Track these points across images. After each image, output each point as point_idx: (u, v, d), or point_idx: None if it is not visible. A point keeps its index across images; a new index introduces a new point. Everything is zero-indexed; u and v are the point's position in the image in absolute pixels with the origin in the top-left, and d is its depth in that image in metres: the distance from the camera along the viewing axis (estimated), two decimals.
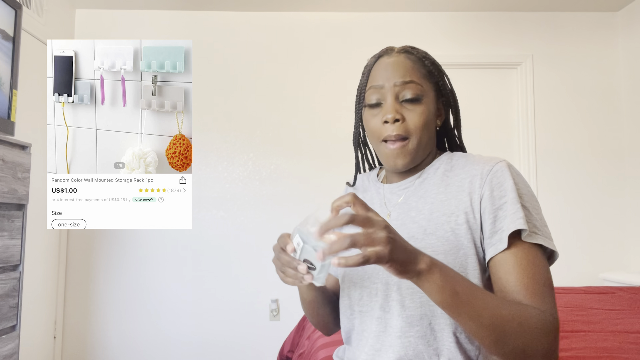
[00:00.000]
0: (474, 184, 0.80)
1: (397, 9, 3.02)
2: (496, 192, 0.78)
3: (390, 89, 0.85)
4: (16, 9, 1.83)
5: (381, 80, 0.87)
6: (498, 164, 0.80)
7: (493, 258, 0.76)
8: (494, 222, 0.76)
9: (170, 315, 2.86)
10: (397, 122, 0.84)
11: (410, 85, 0.85)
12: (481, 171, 0.81)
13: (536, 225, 0.75)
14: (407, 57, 0.88)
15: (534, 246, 0.74)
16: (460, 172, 0.84)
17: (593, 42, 3.06)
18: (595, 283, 2.89)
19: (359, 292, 0.86)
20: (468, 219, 0.79)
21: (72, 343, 2.84)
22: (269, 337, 2.84)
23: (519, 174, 0.81)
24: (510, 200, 0.76)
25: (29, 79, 2.52)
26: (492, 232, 0.76)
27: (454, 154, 0.90)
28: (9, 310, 1.68)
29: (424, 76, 0.87)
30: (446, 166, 0.88)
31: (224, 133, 2.97)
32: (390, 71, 0.86)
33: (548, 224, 0.81)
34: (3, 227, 1.67)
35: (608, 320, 1.62)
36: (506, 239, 0.74)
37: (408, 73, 0.86)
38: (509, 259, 0.74)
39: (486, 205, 0.78)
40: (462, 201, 0.80)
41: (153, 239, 2.89)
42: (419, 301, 0.78)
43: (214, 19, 3.03)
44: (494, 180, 0.79)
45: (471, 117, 3.03)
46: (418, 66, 0.87)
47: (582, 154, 3.00)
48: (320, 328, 1.00)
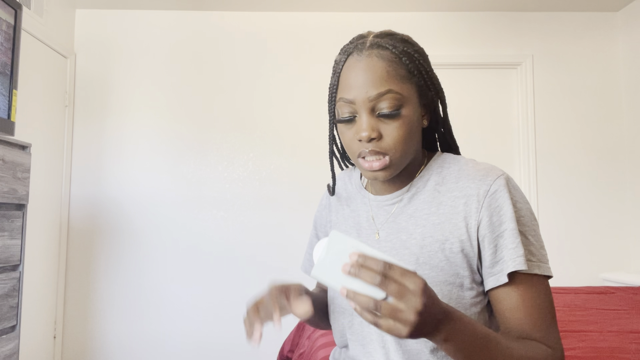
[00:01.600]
0: (470, 206, 0.75)
1: (397, 9, 3.02)
2: (495, 218, 0.73)
3: (362, 103, 0.74)
4: (16, 9, 1.83)
5: (353, 92, 0.74)
6: (495, 182, 0.74)
7: (494, 290, 0.74)
8: (494, 253, 0.73)
9: (170, 315, 2.86)
10: (373, 140, 0.74)
11: (386, 97, 0.73)
12: (477, 192, 0.75)
13: (533, 252, 0.73)
14: (380, 56, 0.74)
15: (534, 275, 0.73)
16: (453, 188, 0.78)
17: (593, 42, 3.06)
18: (595, 283, 2.89)
19: (349, 319, 0.83)
20: (464, 247, 0.74)
21: (72, 343, 2.84)
22: (269, 337, 2.85)
23: (517, 189, 0.76)
24: (510, 231, 0.72)
25: (29, 79, 2.52)
26: (493, 262, 0.73)
27: (445, 158, 0.83)
28: (9, 310, 1.68)
29: (403, 78, 0.75)
30: (437, 177, 0.80)
31: (224, 133, 2.97)
32: (362, 80, 0.74)
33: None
34: (3, 227, 1.67)
35: (608, 320, 1.62)
36: (506, 275, 0.72)
37: (383, 80, 0.73)
38: (512, 295, 0.72)
39: (485, 233, 0.73)
40: (457, 226, 0.75)
41: (153, 239, 2.89)
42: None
43: (214, 19, 3.03)
44: (493, 204, 0.73)
45: (471, 117, 3.04)
46: (394, 67, 0.74)
47: (582, 153, 3.00)
48: (322, 329, 1.00)
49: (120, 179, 2.92)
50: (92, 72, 2.97)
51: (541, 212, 2.93)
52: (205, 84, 2.99)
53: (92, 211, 2.90)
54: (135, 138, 2.95)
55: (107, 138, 2.94)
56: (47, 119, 2.71)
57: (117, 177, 2.92)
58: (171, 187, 2.93)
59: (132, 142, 2.95)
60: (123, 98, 2.97)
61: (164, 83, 2.98)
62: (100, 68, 2.98)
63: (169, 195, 2.92)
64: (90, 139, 2.94)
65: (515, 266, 0.71)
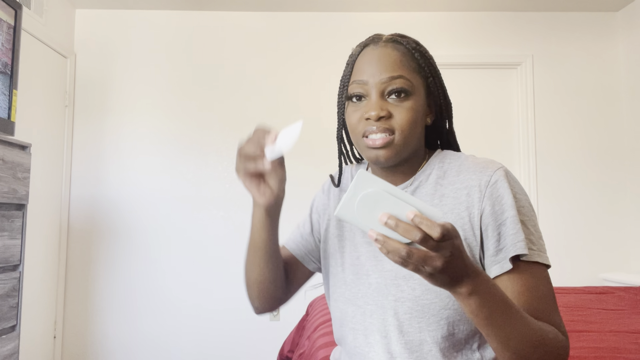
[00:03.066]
0: (472, 196, 0.77)
1: (397, 9, 3.02)
2: (497, 207, 0.75)
3: (374, 85, 0.77)
4: (16, 9, 1.83)
5: (366, 75, 0.78)
6: (495, 172, 0.77)
7: (498, 278, 0.75)
8: (498, 240, 0.75)
9: (170, 315, 2.86)
10: (382, 119, 0.76)
11: (398, 81, 0.77)
12: (479, 182, 0.77)
13: (533, 241, 0.75)
14: (395, 47, 0.79)
15: (535, 263, 0.74)
16: (455, 181, 0.80)
17: (593, 42, 3.06)
18: (595, 283, 2.89)
19: (352, 309, 0.83)
20: (466, 237, 0.76)
21: (72, 343, 2.84)
22: (269, 337, 2.85)
23: (516, 181, 0.78)
24: (511, 218, 0.74)
25: (29, 79, 2.52)
26: (497, 249, 0.75)
27: (445, 154, 0.85)
28: (9, 310, 1.69)
29: (414, 70, 0.79)
30: (438, 172, 0.82)
31: (224, 133, 2.97)
32: (376, 65, 0.78)
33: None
34: (3, 227, 1.67)
35: (608, 320, 1.62)
36: (509, 260, 0.73)
37: (396, 67, 0.78)
38: (516, 282, 0.73)
39: (488, 221, 0.75)
40: (461, 216, 0.77)
41: (153, 239, 2.89)
42: (417, 326, 0.76)
43: (214, 19, 3.03)
44: (494, 193, 0.76)
45: (471, 117, 3.04)
46: (407, 59, 0.79)
47: (582, 153, 3.00)
48: (259, 292, 0.88)
49: (120, 178, 2.92)
50: (92, 72, 2.97)
51: (541, 212, 2.93)
52: (205, 83, 2.99)
53: (92, 211, 2.90)
54: (135, 138, 2.95)
55: (107, 138, 2.94)
56: (47, 119, 2.71)
57: (117, 177, 2.92)
58: (171, 187, 2.93)
59: (132, 142, 2.95)
60: (123, 98, 2.97)
61: (164, 83, 2.98)
62: (100, 68, 2.98)
63: (169, 195, 2.92)
64: (90, 139, 2.94)
65: (517, 250, 0.72)
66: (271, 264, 0.85)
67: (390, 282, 0.79)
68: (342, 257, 0.87)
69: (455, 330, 0.76)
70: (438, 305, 0.75)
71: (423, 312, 0.76)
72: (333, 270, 0.89)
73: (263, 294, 0.88)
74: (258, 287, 0.87)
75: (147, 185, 2.92)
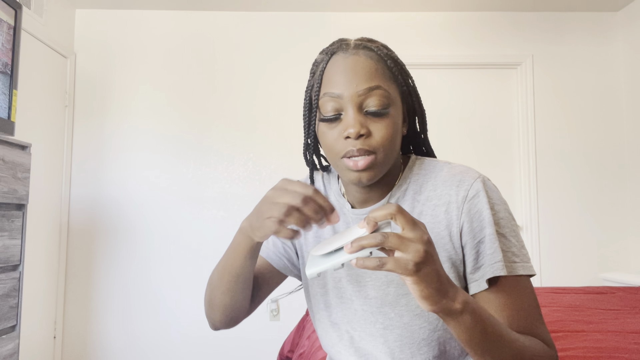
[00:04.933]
0: (451, 213, 0.74)
1: (397, 9, 3.02)
2: (475, 223, 0.73)
3: (350, 98, 0.71)
4: (16, 9, 1.83)
5: (339, 87, 0.71)
6: (472, 186, 0.74)
7: (478, 294, 0.73)
8: (476, 259, 0.73)
9: (170, 315, 2.86)
10: (361, 137, 0.70)
11: (376, 92, 0.71)
12: (456, 197, 0.74)
13: (515, 252, 0.73)
14: (367, 55, 0.73)
15: (518, 276, 0.72)
16: (432, 196, 0.76)
17: (593, 42, 3.06)
18: (595, 283, 2.89)
19: (338, 334, 0.81)
20: (450, 256, 0.74)
21: (72, 343, 2.84)
22: (269, 337, 2.85)
23: (494, 190, 0.75)
24: (489, 236, 0.72)
25: (29, 79, 2.52)
26: (475, 268, 0.73)
27: (421, 164, 0.81)
28: (9, 310, 1.69)
29: (389, 78, 0.74)
30: (414, 186, 0.79)
31: (224, 133, 2.97)
32: (350, 75, 0.71)
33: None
34: (3, 227, 1.67)
35: (608, 320, 1.62)
36: (485, 281, 0.71)
37: (372, 76, 0.71)
38: (498, 297, 0.71)
39: (467, 239, 0.73)
40: (441, 236, 0.74)
41: (153, 239, 2.89)
42: (408, 352, 0.75)
43: (214, 19, 3.03)
44: (472, 209, 0.73)
45: (471, 117, 3.04)
46: (381, 66, 0.73)
47: (582, 153, 3.00)
48: (224, 315, 0.82)
49: (120, 178, 2.92)
50: (92, 72, 2.97)
51: (541, 212, 2.93)
52: (205, 83, 2.99)
53: (92, 211, 2.90)
54: (135, 138, 2.95)
55: (107, 138, 2.94)
56: (47, 119, 2.71)
57: (117, 177, 2.92)
58: (171, 187, 2.93)
59: (132, 142, 2.95)
60: (123, 98, 2.97)
61: (164, 83, 2.98)
62: (100, 68, 2.98)
63: (169, 195, 2.92)
64: (90, 138, 2.94)
65: (494, 272, 0.70)
66: (247, 291, 0.80)
67: (376, 310, 0.77)
68: (324, 278, 0.84)
69: (447, 347, 0.75)
70: (427, 329, 0.74)
71: (413, 337, 0.75)
72: (312, 291, 0.86)
73: (227, 316, 0.82)
74: (224, 311, 0.82)
75: (147, 185, 2.92)
